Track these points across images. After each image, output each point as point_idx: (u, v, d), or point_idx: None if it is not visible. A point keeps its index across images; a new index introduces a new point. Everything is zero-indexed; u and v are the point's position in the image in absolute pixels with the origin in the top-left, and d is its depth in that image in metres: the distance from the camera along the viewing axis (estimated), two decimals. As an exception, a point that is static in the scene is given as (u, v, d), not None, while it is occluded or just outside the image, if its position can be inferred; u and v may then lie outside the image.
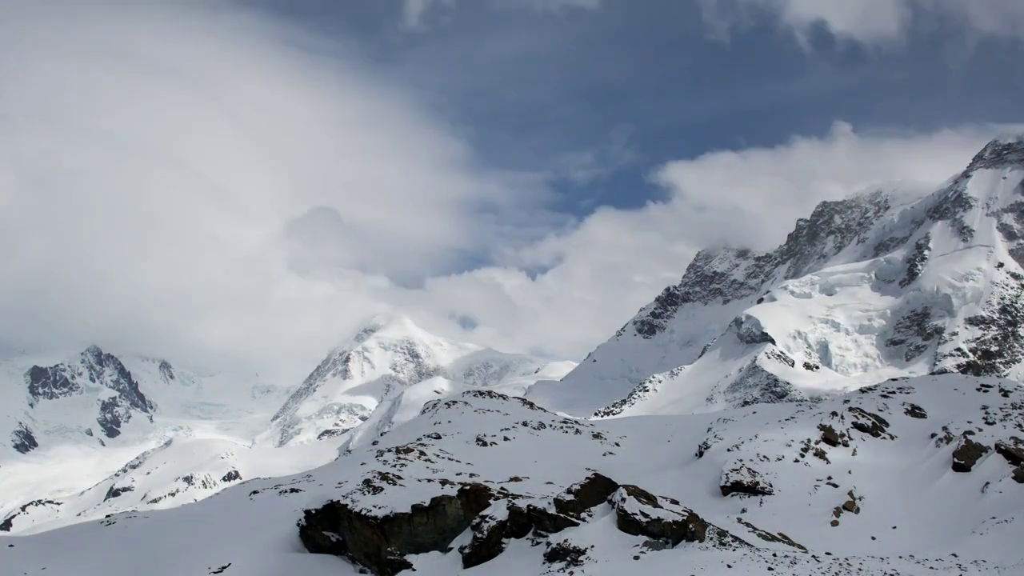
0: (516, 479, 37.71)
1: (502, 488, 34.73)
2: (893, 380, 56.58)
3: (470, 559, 29.98)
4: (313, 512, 33.43)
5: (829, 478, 37.87)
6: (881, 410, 45.85)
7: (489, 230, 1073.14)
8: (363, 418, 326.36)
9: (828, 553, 27.35)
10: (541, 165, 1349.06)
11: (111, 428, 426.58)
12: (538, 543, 28.80)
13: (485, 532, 30.04)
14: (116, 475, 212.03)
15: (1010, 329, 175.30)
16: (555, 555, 27.34)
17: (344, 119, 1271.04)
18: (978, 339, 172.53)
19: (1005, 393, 46.23)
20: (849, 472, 38.57)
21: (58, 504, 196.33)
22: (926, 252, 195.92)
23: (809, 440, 41.14)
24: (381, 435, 78.78)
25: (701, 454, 44.02)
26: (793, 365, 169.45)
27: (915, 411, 45.77)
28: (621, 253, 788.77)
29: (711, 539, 27.40)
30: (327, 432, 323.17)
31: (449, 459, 42.52)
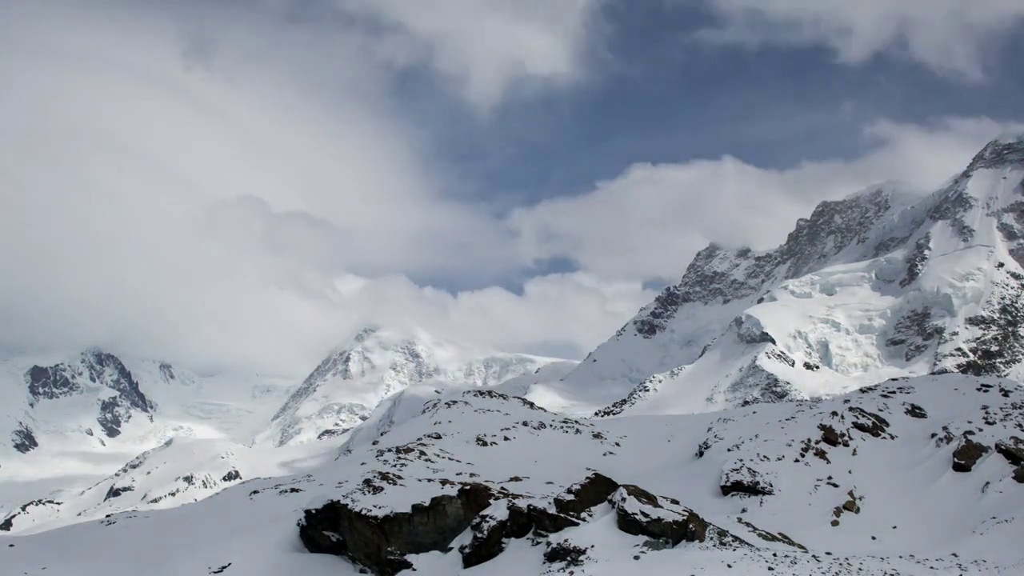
0: (516, 479, 37.68)
1: (502, 488, 34.71)
2: (893, 380, 56.58)
3: (470, 559, 29.99)
4: (313, 512, 33.43)
5: (829, 478, 37.88)
6: (881, 410, 45.85)
7: (438, 252, 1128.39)
8: (363, 418, 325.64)
9: (828, 553, 27.36)
10: (483, 198, 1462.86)
11: (111, 428, 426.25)
12: (538, 543, 28.81)
13: (485, 532, 30.05)
14: (116, 475, 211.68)
15: (1010, 329, 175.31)
16: (555, 555, 27.33)
17: (315, 150, 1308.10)
18: (978, 339, 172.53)
19: (1005, 393, 46.25)
20: (849, 472, 38.58)
21: (58, 504, 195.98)
22: (926, 252, 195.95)
23: (809, 440, 41.15)
24: (381, 435, 78.79)
25: (701, 454, 44.07)
26: (793, 365, 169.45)
27: (915, 411, 45.77)
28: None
29: (711, 539, 27.42)
30: (327, 432, 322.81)
31: (449, 459, 42.50)
